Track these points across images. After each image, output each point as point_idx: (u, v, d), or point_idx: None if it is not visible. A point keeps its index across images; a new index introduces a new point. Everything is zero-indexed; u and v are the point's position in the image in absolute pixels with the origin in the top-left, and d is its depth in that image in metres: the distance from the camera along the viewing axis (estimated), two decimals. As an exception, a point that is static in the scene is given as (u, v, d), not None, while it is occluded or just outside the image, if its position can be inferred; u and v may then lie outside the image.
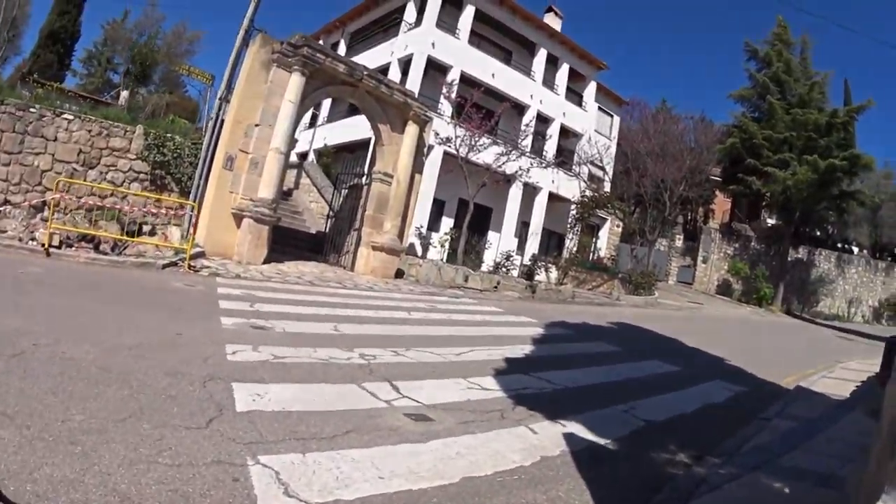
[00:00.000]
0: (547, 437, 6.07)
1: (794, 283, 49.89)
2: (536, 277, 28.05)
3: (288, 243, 21.77)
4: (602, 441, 6.31)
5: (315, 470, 4.27)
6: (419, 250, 27.84)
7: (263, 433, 4.76)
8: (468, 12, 32.53)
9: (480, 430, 5.92)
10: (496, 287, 23.01)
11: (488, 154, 27.56)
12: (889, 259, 59.40)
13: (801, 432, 8.02)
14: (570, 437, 6.19)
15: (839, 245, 58.22)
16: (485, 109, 27.17)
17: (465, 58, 31.85)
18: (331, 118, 36.78)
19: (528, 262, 28.64)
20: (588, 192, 36.41)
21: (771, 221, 52.76)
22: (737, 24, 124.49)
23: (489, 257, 30.04)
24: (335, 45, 37.40)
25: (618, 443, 6.39)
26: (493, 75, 32.86)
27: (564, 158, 37.63)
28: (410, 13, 32.49)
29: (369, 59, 30.72)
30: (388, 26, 34.36)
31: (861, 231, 57.75)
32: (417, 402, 6.42)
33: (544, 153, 34.87)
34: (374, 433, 5.21)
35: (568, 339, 13.92)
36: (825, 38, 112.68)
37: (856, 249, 59.55)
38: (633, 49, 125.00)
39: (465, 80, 30.42)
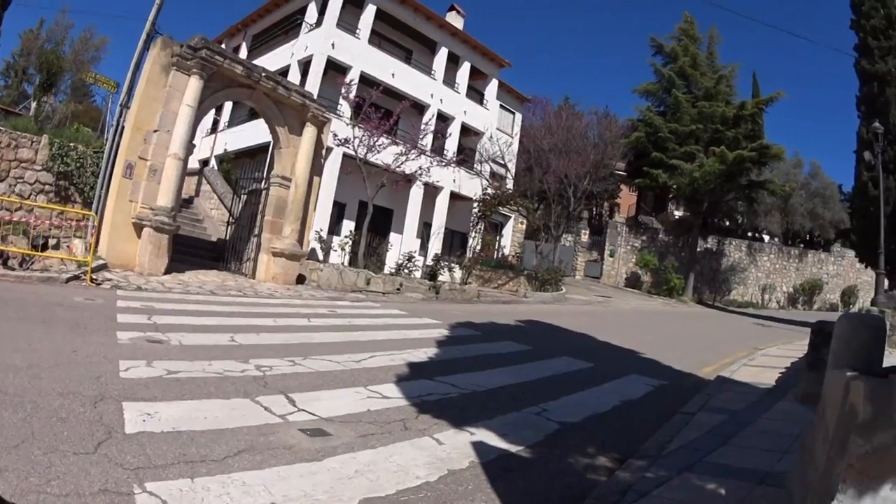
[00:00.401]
0: (454, 447, 6.01)
1: (704, 273, 52.45)
2: (440, 278, 28.80)
3: (189, 252, 22.30)
4: (514, 449, 6.27)
5: (203, 497, 4.21)
6: (320, 255, 28.68)
7: (152, 457, 4.72)
8: (369, 12, 33.70)
9: (382, 443, 5.88)
10: (399, 289, 23.65)
11: (387, 154, 28.23)
12: (802, 246, 63.64)
13: (729, 426, 8.12)
14: (479, 447, 6.15)
15: (750, 234, 61.84)
16: (384, 109, 28.11)
17: (365, 58, 33.00)
18: (231, 123, 37.71)
19: (431, 263, 29.43)
20: (490, 190, 37.66)
21: (678, 213, 55.23)
22: (642, 20, 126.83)
23: (392, 259, 30.74)
24: (237, 49, 38.49)
25: (532, 449, 6.33)
26: (393, 75, 33.95)
27: (466, 157, 39.05)
28: (312, 14, 33.59)
29: (270, 61, 32.16)
30: (289, 28, 35.44)
31: (772, 219, 61.12)
32: (314, 415, 6.42)
33: (445, 152, 36.12)
34: (267, 452, 5.14)
35: (474, 339, 14.11)
36: (735, 31, 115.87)
37: (767, 238, 63.15)
38: (537, 46, 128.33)
39: (366, 80, 31.36)
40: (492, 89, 41.84)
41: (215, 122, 38.40)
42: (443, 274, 30.28)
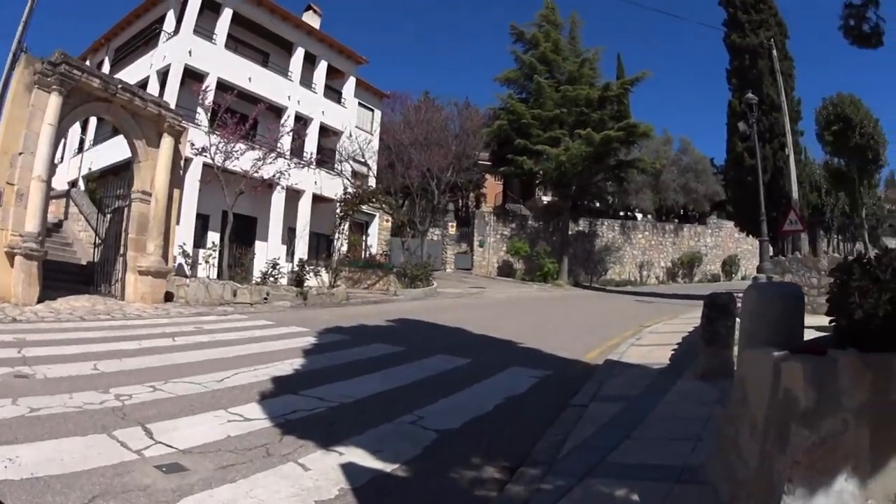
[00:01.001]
0: (322, 472, 5.66)
1: (578, 255, 55.76)
2: (307, 283, 29.20)
3: (61, 278, 22.35)
4: (389, 467, 5.92)
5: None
6: (187, 270, 29.61)
7: (10, 510, 4.31)
8: (226, 16, 34.95)
9: (242, 474, 5.53)
10: (266, 298, 24.24)
11: (246, 160, 29.06)
12: (676, 221, 68.17)
13: (628, 415, 7.73)
14: (349, 469, 5.80)
15: (622, 213, 66.12)
16: (240, 114, 28.93)
17: (222, 63, 34.08)
18: (97, 140, 37.63)
19: (297, 269, 29.64)
20: (351, 189, 38.98)
21: (547, 199, 58.15)
22: (504, 9, 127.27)
23: (258, 268, 31.09)
24: (100, 64, 38.63)
25: (409, 466, 6.01)
26: (249, 79, 35.36)
27: (325, 158, 41.21)
28: (170, 23, 34.36)
29: (131, 74, 33.11)
30: (149, 38, 36.02)
31: (644, 197, 65.24)
32: (172, 447, 6.07)
33: (304, 154, 37.77)
34: (122, 497, 4.80)
35: (342, 345, 13.85)
36: (601, 14, 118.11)
37: (640, 216, 67.46)
38: (396, 41, 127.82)
39: (223, 86, 32.15)
40: (349, 87, 43.62)
41: (81, 142, 38.96)
42: (309, 279, 30.78)
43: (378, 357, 12.15)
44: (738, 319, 9.80)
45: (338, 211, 37.91)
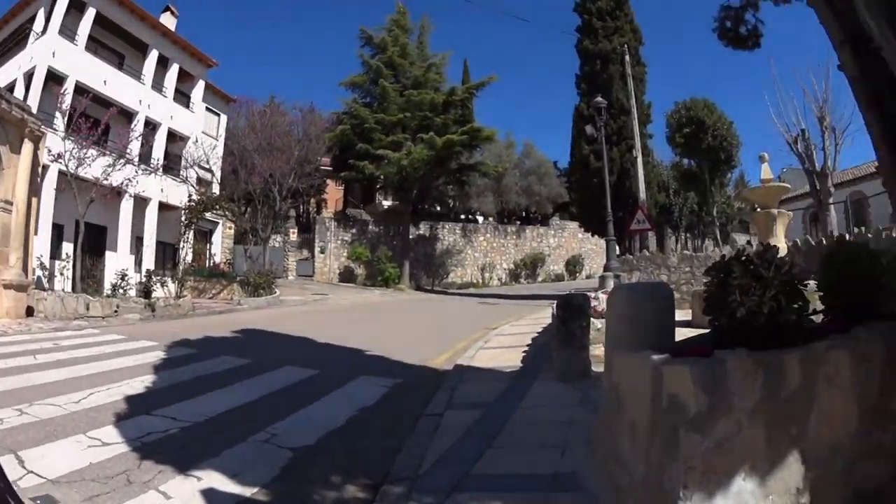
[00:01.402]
0: (183, 500, 5.46)
1: (420, 259, 57.28)
2: (155, 294, 29.55)
3: None
4: (249, 491, 5.77)
5: None
6: (45, 282, 28.97)
7: None
8: (89, 15, 34.32)
9: None
10: (116, 311, 23.88)
11: (97, 167, 28.99)
12: (518, 223, 70.00)
13: (488, 423, 7.65)
14: (210, 496, 5.61)
15: (463, 216, 68.32)
16: (93, 119, 29.13)
17: (81, 65, 33.38)
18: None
19: (144, 280, 29.37)
20: (195, 196, 39.31)
21: (388, 203, 60.72)
22: (356, 12, 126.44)
23: (109, 279, 30.75)
24: (-22, 68, 36.66)
25: (269, 490, 5.87)
26: (104, 82, 34.62)
27: (172, 164, 40.86)
28: (40, 22, 33.41)
29: (1, 77, 32.51)
30: (20, 39, 35.03)
31: (486, 200, 67.51)
32: (42, 477, 5.85)
33: (152, 161, 37.21)
34: None
35: (191, 359, 13.61)
36: (452, 20, 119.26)
37: (482, 219, 69.61)
38: (248, 43, 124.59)
39: (80, 89, 31.61)
40: (198, 91, 43.86)
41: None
42: (157, 290, 30.84)
43: (227, 371, 12.10)
44: (592, 320, 11.20)
45: (182, 219, 38.53)
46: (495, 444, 6.68)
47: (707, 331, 4.15)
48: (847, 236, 24.74)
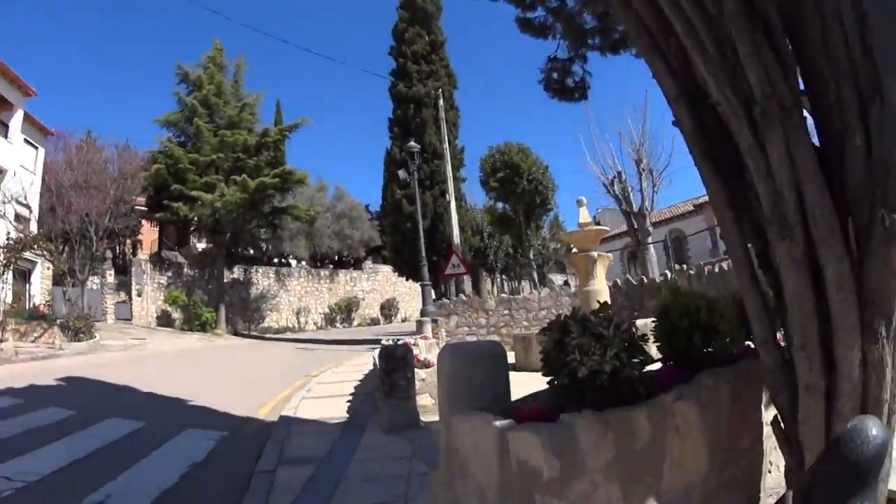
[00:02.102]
0: None
1: (235, 303, 56.85)
2: None
3: None
4: None
5: None
6: None
7: None
8: None
9: None
10: None
11: None
12: (331, 266, 70.47)
13: (324, 480, 7.52)
14: None
15: (277, 260, 68.25)
16: None
17: None
18: None
19: None
20: (14, 234, 36.12)
21: (201, 246, 59.90)
22: (174, 47, 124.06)
23: None
24: None
25: None
26: None
27: None
28: None
29: None
30: None
31: (299, 244, 67.35)
32: None
33: None
34: None
35: (19, 409, 12.94)
36: (269, 59, 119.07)
37: (294, 262, 69.41)
38: (69, 72, 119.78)
39: None
40: (17, 121, 41.31)
41: None
42: None
43: (55, 423, 11.51)
44: (416, 370, 11.27)
45: (0, 258, 35.95)
46: (335, 501, 6.60)
47: (541, 383, 4.10)
48: (668, 273, 25.67)
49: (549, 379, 3.96)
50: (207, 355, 31.74)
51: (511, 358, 18.61)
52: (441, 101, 39.35)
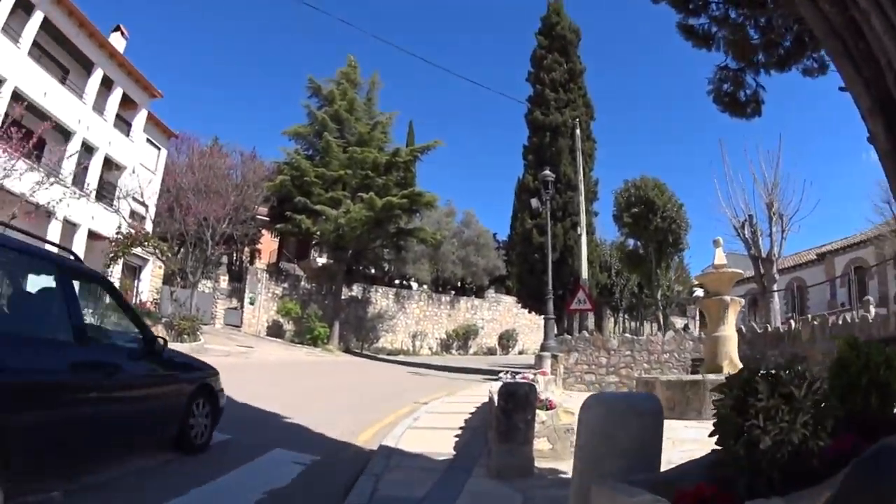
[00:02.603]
0: None
1: (350, 321, 56.32)
2: None
3: None
4: None
5: None
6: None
7: None
8: (36, 19, 33.18)
9: None
10: None
11: (26, 182, 27.71)
12: (453, 293, 69.25)
13: None
14: None
15: (398, 281, 67.64)
16: (26, 129, 27.64)
17: (22, 70, 32.06)
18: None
19: None
20: (125, 230, 37.43)
21: (322, 261, 59.48)
22: (305, 60, 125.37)
23: None
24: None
25: None
26: (45, 94, 33.50)
27: (106, 192, 40.44)
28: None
29: None
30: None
31: (422, 267, 66.73)
32: None
33: (86, 185, 36.86)
34: None
35: None
36: (403, 79, 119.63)
37: (416, 285, 68.66)
38: (195, 78, 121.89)
39: (18, 96, 30.70)
40: (140, 120, 43.20)
41: None
42: None
43: None
44: (538, 411, 9.94)
45: (108, 251, 36.49)
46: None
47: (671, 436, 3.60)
48: (792, 322, 24.41)
49: (717, 447, 3.24)
50: (315, 370, 31.27)
51: None
52: (578, 131, 38.08)
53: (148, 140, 45.45)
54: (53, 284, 6.91)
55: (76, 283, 7.51)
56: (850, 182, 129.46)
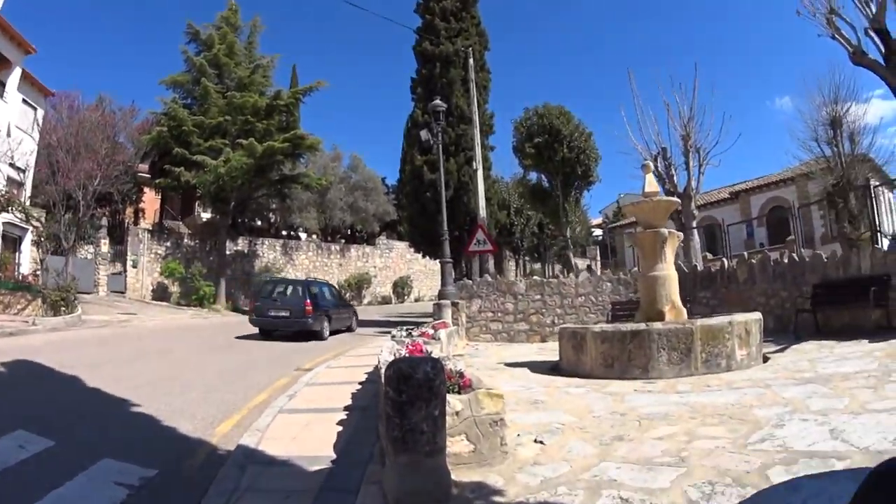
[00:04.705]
0: None
1: (237, 277, 54.75)
2: None
3: None
4: None
5: None
6: None
7: None
8: None
9: None
10: None
11: None
12: (343, 241, 68.40)
13: None
14: None
15: (285, 232, 66.53)
16: None
17: None
18: None
19: None
20: None
21: (206, 216, 57.76)
22: (187, 6, 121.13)
23: None
24: None
25: None
26: None
27: None
28: None
29: None
30: None
31: (309, 216, 65.59)
32: None
33: None
34: None
35: None
36: (288, 16, 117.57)
37: (304, 235, 67.91)
38: (69, 32, 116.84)
39: None
40: (14, 79, 40.40)
41: None
42: None
43: None
44: (449, 398, 6.46)
45: None
46: None
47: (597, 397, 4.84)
48: (725, 261, 23.25)
49: None
50: (193, 335, 29.12)
51: (551, 355, 16.14)
52: (471, 61, 36.13)
53: (24, 100, 42.03)
54: (324, 289, 30.39)
55: (327, 289, 31.11)
56: (760, 124, 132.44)
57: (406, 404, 5.61)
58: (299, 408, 11.18)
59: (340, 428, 9.37)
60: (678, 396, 10.11)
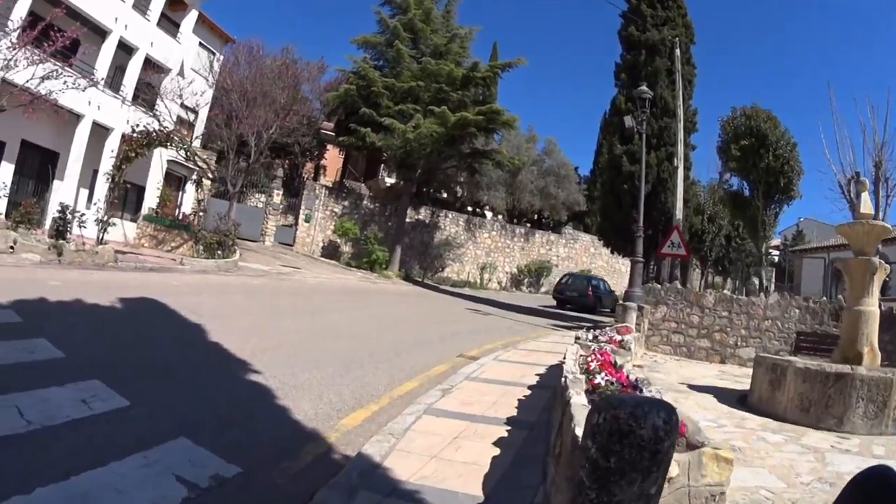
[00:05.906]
0: None
1: (415, 246, 53.98)
2: (106, 236, 26.98)
3: None
4: None
5: None
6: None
7: None
8: None
9: None
10: (13, 248, 20.19)
11: (38, 72, 25.22)
12: (528, 225, 66.79)
13: None
14: None
15: (470, 208, 64.94)
16: (57, 28, 24.78)
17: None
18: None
19: (57, 215, 24.42)
20: (143, 127, 31.38)
21: (391, 181, 57.70)
22: None
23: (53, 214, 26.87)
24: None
25: None
26: (78, -10, 31.36)
27: (146, 95, 37.76)
28: None
29: None
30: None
31: (497, 195, 63.68)
32: None
33: (122, 87, 34.62)
34: None
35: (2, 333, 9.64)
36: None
37: (490, 214, 66.47)
38: None
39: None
40: (190, 21, 40.21)
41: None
42: (111, 233, 28.27)
43: (13, 366, 7.90)
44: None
45: (114, 151, 32.41)
46: None
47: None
48: None
49: None
50: (354, 298, 27.80)
51: (733, 381, 15.49)
52: (677, 52, 34.32)
53: (201, 43, 43.03)
54: (599, 283, 47.82)
55: (601, 283, 48.61)
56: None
57: (614, 473, 3.55)
58: (451, 410, 9.10)
59: (497, 451, 7.21)
60: (876, 462, 8.35)
